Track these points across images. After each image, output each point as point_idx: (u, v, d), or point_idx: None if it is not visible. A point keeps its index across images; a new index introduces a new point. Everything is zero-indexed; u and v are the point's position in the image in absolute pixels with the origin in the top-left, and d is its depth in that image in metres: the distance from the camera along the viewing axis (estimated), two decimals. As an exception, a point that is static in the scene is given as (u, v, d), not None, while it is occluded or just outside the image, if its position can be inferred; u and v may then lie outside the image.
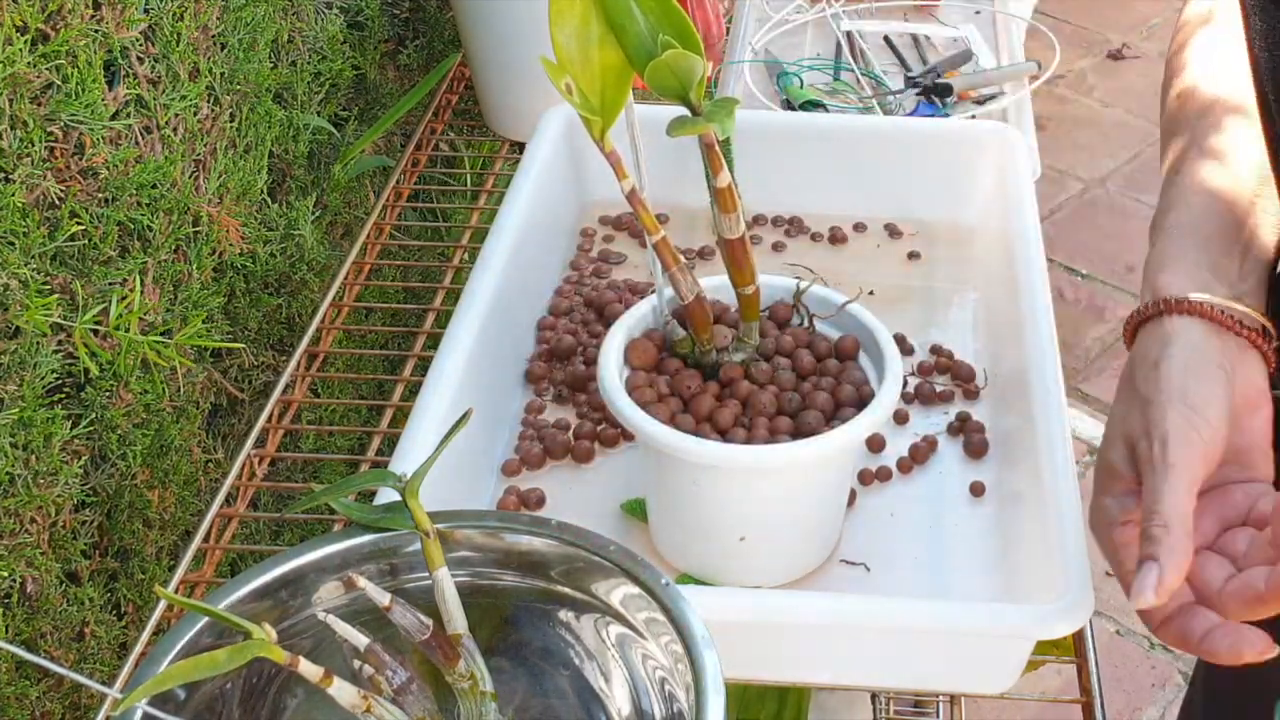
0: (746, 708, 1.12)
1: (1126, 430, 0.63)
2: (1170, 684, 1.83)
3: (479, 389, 0.84)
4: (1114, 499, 0.63)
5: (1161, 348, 0.64)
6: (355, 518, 0.64)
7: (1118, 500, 0.63)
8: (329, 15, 1.26)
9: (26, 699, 0.91)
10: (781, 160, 1.06)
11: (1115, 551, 0.63)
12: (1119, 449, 0.63)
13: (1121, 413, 0.64)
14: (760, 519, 0.75)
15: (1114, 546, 0.63)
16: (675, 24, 0.66)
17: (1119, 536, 0.63)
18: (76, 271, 0.92)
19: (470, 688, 0.60)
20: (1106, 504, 0.64)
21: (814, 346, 0.79)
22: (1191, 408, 0.61)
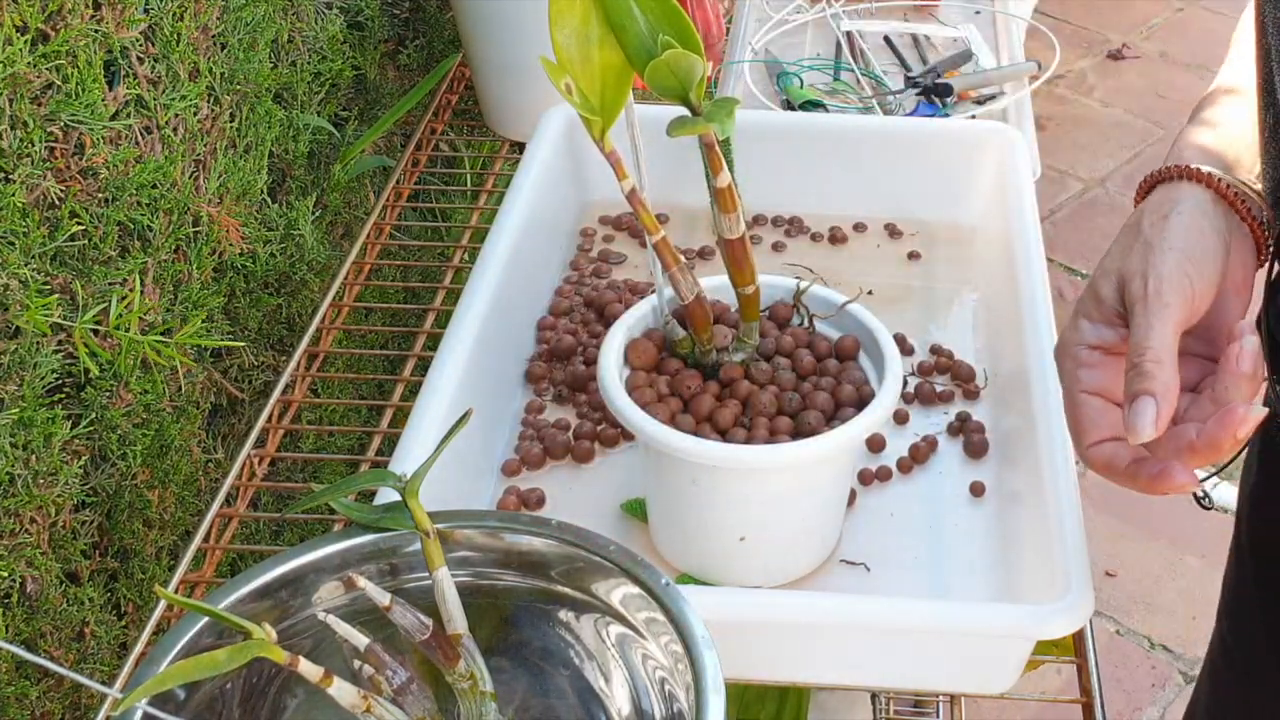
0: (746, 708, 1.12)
1: (1123, 267, 0.65)
2: (1170, 684, 1.83)
3: (479, 389, 0.84)
4: (1091, 324, 0.65)
5: (1172, 205, 0.66)
6: (355, 518, 0.64)
7: (1094, 326, 0.65)
8: (329, 15, 1.26)
9: (26, 699, 0.91)
10: (781, 160, 1.06)
11: (1074, 370, 0.64)
12: (1111, 281, 0.65)
13: (1120, 251, 0.66)
14: (760, 519, 0.75)
15: (1074, 364, 0.65)
16: (675, 24, 0.66)
17: (1083, 356, 0.65)
18: (76, 271, 0.92)
19: (470, 688, 0.60)
20: (1082, 324, 0.65)
21: (814, 346, 0.79)
22: (1190, 259, 0.63)
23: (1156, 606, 1.92)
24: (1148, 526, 2.02)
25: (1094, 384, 0.64)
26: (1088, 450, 0.63)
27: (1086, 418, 0.63)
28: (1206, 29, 3.25)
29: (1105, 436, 0.63)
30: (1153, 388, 0.59)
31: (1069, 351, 0.65)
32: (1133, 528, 2.02)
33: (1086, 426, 0.63)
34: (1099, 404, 0.63)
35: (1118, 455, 0.62)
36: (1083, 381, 0.64)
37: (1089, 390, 0.64)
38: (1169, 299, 0.62)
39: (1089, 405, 0.63)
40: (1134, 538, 2.01)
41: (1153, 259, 0.63)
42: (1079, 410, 0.64)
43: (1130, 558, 1.99)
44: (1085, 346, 0.65)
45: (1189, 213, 0.66)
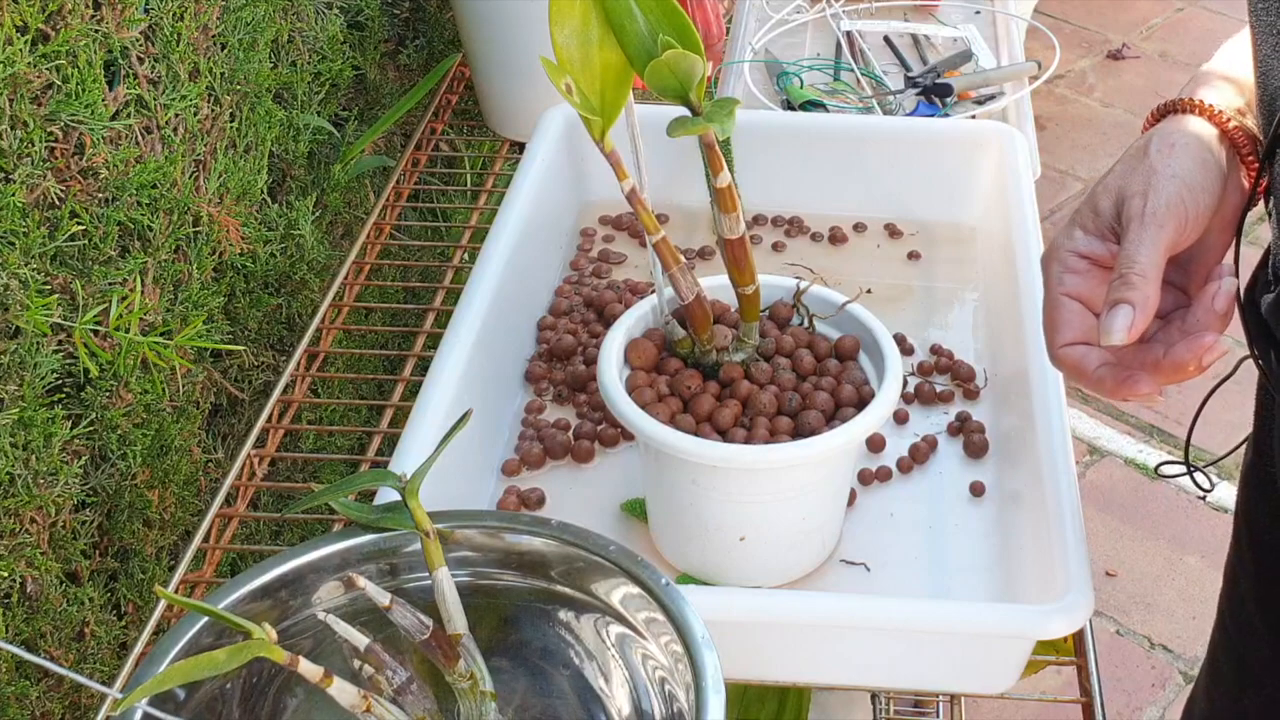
0: (746, 708, 1.11)
1: (1123, 184, 0.67)
2: (1170, 684, 1.82)
3: (479, 389, 0.84)
4: (1084, 234, 0.68)
5: (1180, 135, 0.68)
6: (355, 518, 0.64)
7: (1086, 236, 0.67)
8: (329, 15, 1.26)
9: (26, 699, 0.91)
10: (781, 160, 1.06)
11: (1060, 273, 0.67)
12: (1110, 197, 0.67)
13: (1124, 170, 0.68)
14: (760, 519, 0.75)
15: (1061, 267, 0.67)
16: (675, 24, 0.66)
17: (1071, 262, 0.67)
18: (76, 271, 0.92)
19: (470, 688, 0.60)
20: (1076, 233, 0.68)
21: (814, 346, 0.79)
22: (1188, 188, 0.66)
23: (1156, 606, 1.92)
24: (1148, 526, 2.02)
25: (1075, 289, 0.66)
26: (1059, 350, 0.66)
27: (1063, 319, 0.66)
28: (1206, 29, 3.25)
29: (1077, 339, 0.65)
30: (1134, 297, 0.62)
31: (1057, 255, 0.67)
32: (1133, 528, 2.02)
33: (1061, 327, 0.66)
34: (1077, 308, 0.66)
35: (1087, 358, 0.65)
36: (1065, 284, 0.66)
37: (1070, 294, 0.66)
38: (1164, 221, 0.64)
39: (1067, 307, 0.66)
40: (1134, 538, 2.01)
41: (1154, 181, 0.66)
42: (1057, 310, 0.66)
43: (1130, 558, 1.99)
44: (1075, 253, 0.67)
45: (1195, 145, 0.68)
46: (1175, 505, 2.03)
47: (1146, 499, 2.05)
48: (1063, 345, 0.66)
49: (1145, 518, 2.04)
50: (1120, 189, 0.67)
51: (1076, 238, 0.68)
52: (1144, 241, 0.64)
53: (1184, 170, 0.67)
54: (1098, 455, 2.15)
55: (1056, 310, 0.66)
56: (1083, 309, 0.66)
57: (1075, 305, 0.66)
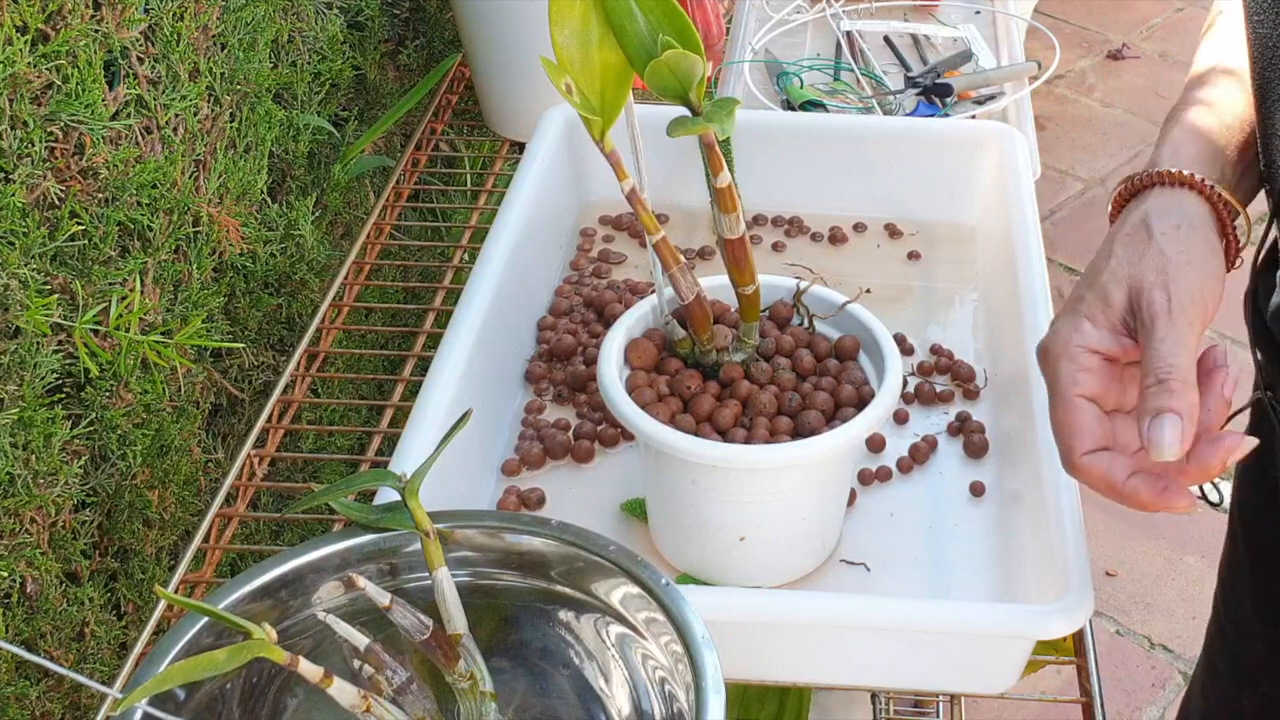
0: (746, 708, 1.11)
1: (1135, 274, 0.63)
2: (1170, 684, 1.83)
3: (479, 389, 0.84)
4: (1094, 327, 0.63)
5: (1184, 217, 0.66)
6: (355, 518, 0.64)
7: (1097, 330, 0.63)
8: (329, 15, 1.26)
9: (26, 699, 0.91)
10: (781, 160, 1.06)
11: (1073, 372, 0.62)
12: (1121, 289, 0.63)
13: (1130, 256, 0.64)
14: (760, 519, 0.75)
15: (1073, 366, 0.62)
16: (675, 24, 0.66)
17: (1083, 360, 0.63)
18: (76, 271, 0.92)
19: (470, 688, 0.60)
20: (1085, 326, 0.63)
21: (814, 346, 0.79)
22: (1204, 275, 0.63)
23: (1156, 606, 1.92)
24: (1148, 526, 2.02)
25: (1089, 389, 0.62)
26: (1081, 458, 0.61)
27: (1082, 425, 0.61)
28: (1206, 29, 3.24)
29: (1098, 445, 0.61)
30: (1179, 406, 0.58)
31: (1068, 351, 0.63)
32: (1133, 528, 2.02)
33: (1081, 433, 0.61)
34: (1094, 411, 0.62)
35: (1114, 469, 0.61)
36: (1080, 385, 0.62)
37: (1085, 395, 0.62)
38: (1192, 316, 0.61)
39: (1084, 411, 0.62)
40: (1134, 538, 2.01)
41: (1173, 273, 0.62)
42: (1075, 415, 0.62)
43: (1130, 558, 1.99)
44: (1086, 349, 0.63)
45: (1200, 229, 0.66)
46: (1175, 505, 2.03)
47: (1146, 499, 2.04)
48: (1084, 453, 0.61)
49: (1145, 518, 2.03)
50: (1133, 279, 0.63)
51: (1086, 332, 0.63)
52: (1178, 341, 0.60)
53: (1197, 257, 0.64)
54: (1098, 455, 2.15)
55: (1073, 415, 0.62)
56: (1099, 412, 0.62)
57: (1092, 408, 0.62)
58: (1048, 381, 0.64)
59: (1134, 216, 0.67)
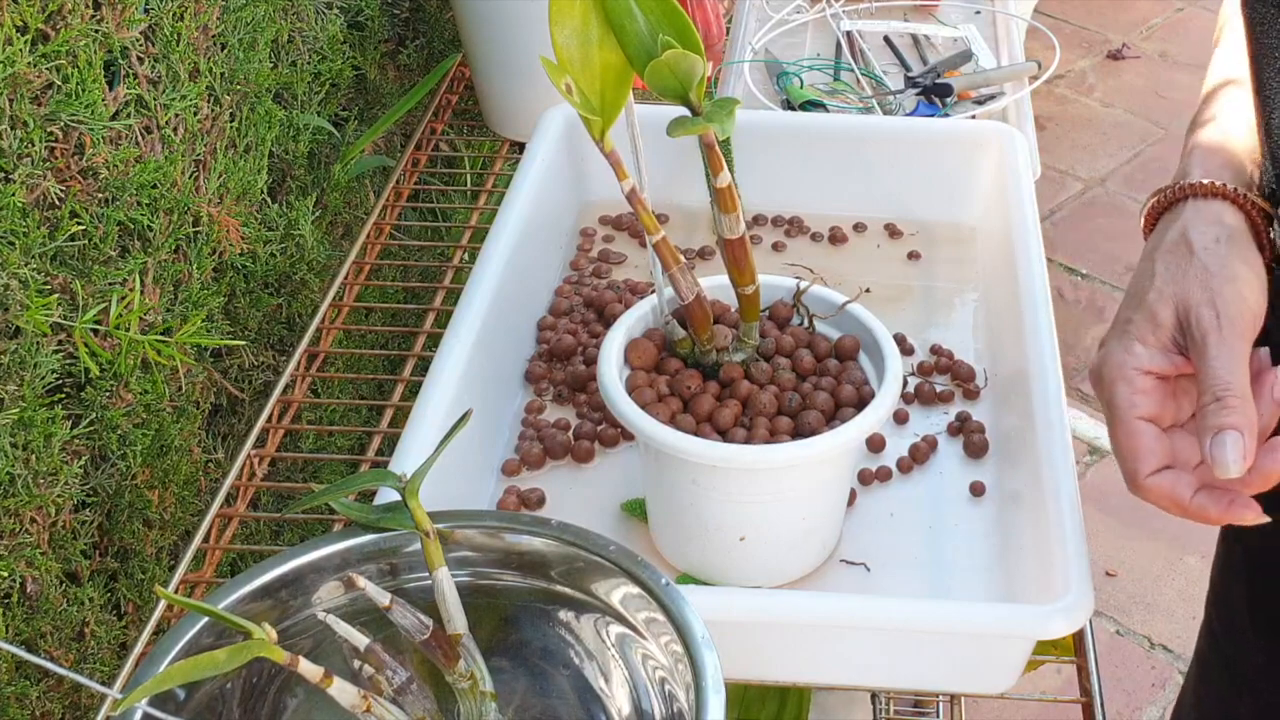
0: (746, 708, 1.12)
1: (1181, 291, 0.64)
2: (1170, 684, 1.83)
3: (479, 389, 0.84)
4: (1146, 348, 0.64)
5: (1223, 229, 0.66)
6: (355, 518, 0.64)
7: (1149, 351, 0.64)
8: (329, 15, 1.26)
9: (26, 699, 0.91)
10: (781, 160, 1.06)
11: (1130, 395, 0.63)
12: (1168, 307, 0.64)
13: (1172, 274, 0.65)
14: (760, 519, 0.75)
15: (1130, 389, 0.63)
16: (675, 24, 0.66)
17: (1139, 383, 0.63)
18: (76, 271, 0.92)
19: (470, 688, 0.60)
20: (1136, 348, 0.64)
21: (814, 346, 0.79)
22: (1249, 287, 0.64)
23: (1156, 606, 1.92)
24: (1148, 526, 2.02)
25: (1148, 411, 0.63)
26: (1146, 479, 0.62)
27: (1145, 446, 0.62)
28: (1206, 29, 3.23)
29: (1163, 465, 0.62)
30: (1239, 423, 0.59)
31: (1124, 374, 0.63)
32: (1133, 528, 2.02)
33: (1145, 455, 0.62)
34: (1154, 431, 0.63)
35: (1179, 486, 0.61)
36: (1139, 408, 0.63)
37: (1144, 417, 0.63)
38: (1242, 330, 0.62)
39: (1146, 433, 0.62)
40: (1134, 538, 2.01)
41: (1218, 288, 0.63)
42: (1137, 439, 0.62)
43: (1130, 558, 1.99)
44: (1141, 371, 0.63)
45: (1240, 241, 0.66)
46: (1175, 505, 2.02)
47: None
48: (1149, 474, 0.62)
49: (1145, 518, 2.04)
50: (1179, 297, 0.64)
51: (1139, 354, 0.64)
52: (1231, 357, 0.61)
53: (1240, 269, 0.64)
54: (1098, 455, 2.15)
55: (1135, 438, 0.63)
56: (1158, 431, 0.63)
57: (1152, 429, 0.63)
58: (1105, 405, 0.64)
59: (1172, 232, 0.67)
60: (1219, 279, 0.63)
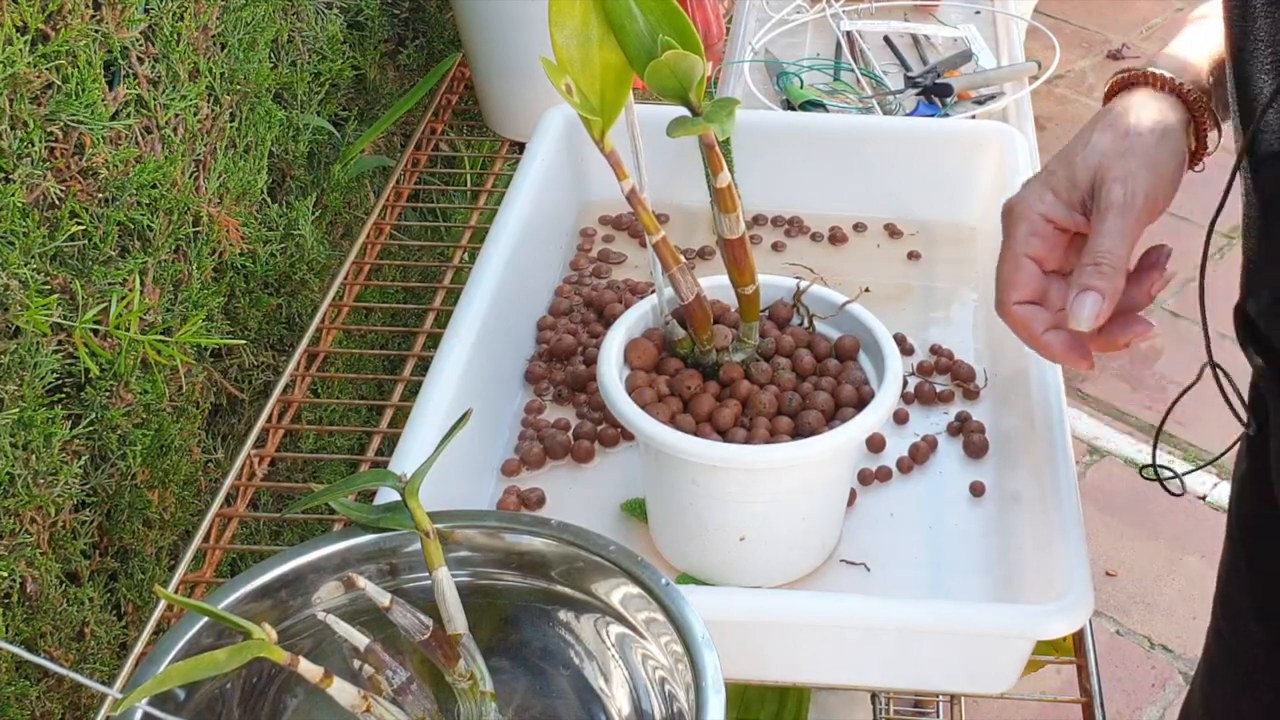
0: (746, 708, 1.11)
1: (1105, 165, 0.70)
2: (1170, 684, 1.83)
3: (479, 389, 0.84)
4: (1056, 199, 0.71)
5: (1161, 122, 0.72)
6: (355, 518, 0.64)
7: (1058, 202, 0.71)
8: (329, 15, 1.26)
9: (26, 699, 0.91)
10: (781, 160, 1.06)
11: (1027, 233, 0.71)
12: (1089, 173, 0.71)
13: (1103, 147, 0.71)
14: (760, 519, 0.75)
15: (1028, 227, 0.71)
16: (675, 24, 0.66)
17: (1038, 225, 0.71)
18: (76, 271, 0.92)
19: (470, 688, 0.60)
20: (1048, 197, 0.71)
21: (814, 346, 0.79)
22: (1163, 179, 0.70)
23: (1156, 606, 1.92)
24: (1148, 526, 2.02)
25: (1036, 251, 0.71)
26: (1012, 306, 0.71)
27: (1021, 279, 0.71)
28: (1206, 29, 3.24)
29: (1029, 298, 0.71)
30: (1105, 288, 0.67)
31: (1027, 216, 0.71)
32: (1133, 528, 2.02)
33: (1019, 285, 0.71)
34: (1035, 269, 0.71)
35: (1037, 319, 0.70)
36: (1030, 246, 0.71)
37: (1031, 255, 0.71)
38: (1140, 215, 0.69)
39: (1026, 268, 0.71)
40: (1134, 538, 2.01)
41: (1135, 170, 0.70)
42: (1017, 270, 0.71)
43: (1130, 558, 1.99)
44: (1044, 217, 0.71)
45: (1173, 136, 0.72)
46: (1175, 505, 2.03)
47: (1146, 499, 2.05)
48: (1016, 302, 0.71)
49: (1145, 518, 2.04)
50: (1100, 168, 0.70)
51: (1049, 202, 0.71)
52: (1121, 233, 0.68)
53: (1161, 162, 0.70)
54: (1098, 455, 2.15)
55: (1016, 270, 0.71)
56: (1038, 271, 0.71)
57: (1033, 267, 0.71)
58: (1004, 235, 0.73)
59: (1119, 109, 0.73)
60: (1139, 165, 0.70)
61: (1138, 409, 2.24)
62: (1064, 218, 0.71)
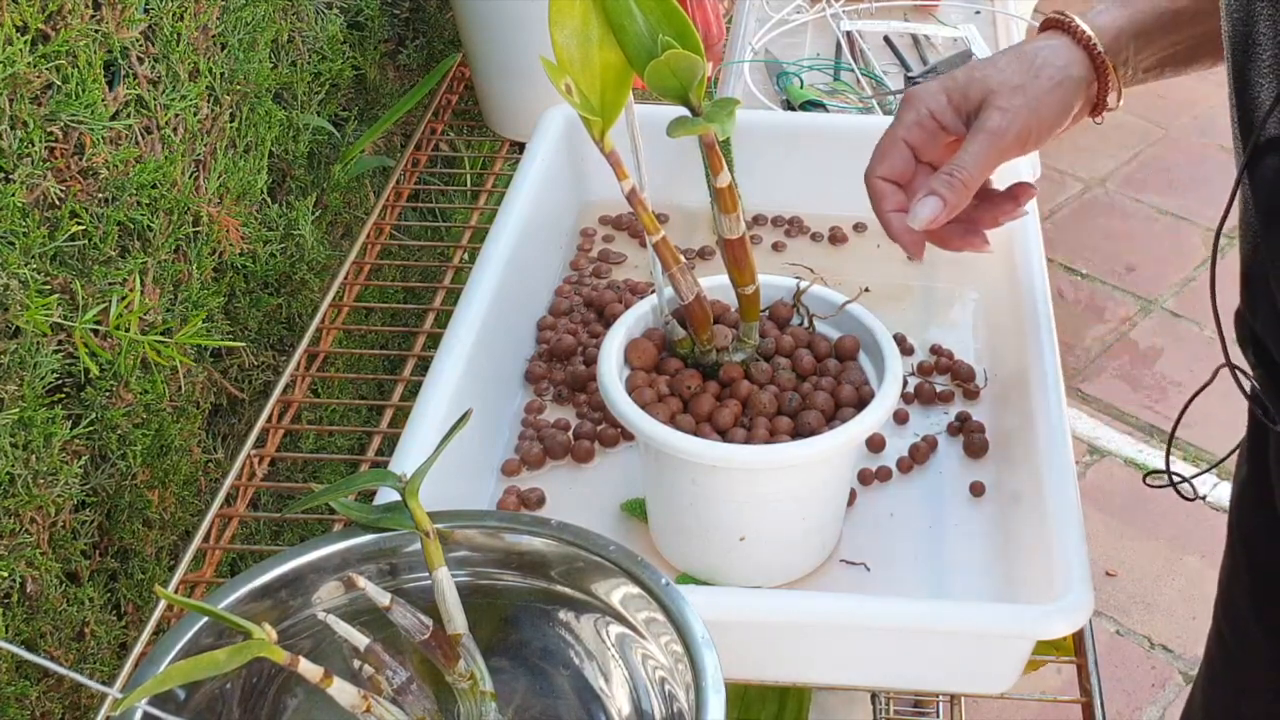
0: (747, 708, 1.11)
1: (996, 90, 0.76)
2: (1170, 684, 1.83)
3: (479, 389, 0.84)
4: (948, 103, 0.77)
5: (1063, 71, 0.78)
6: (355, 518, 0.64)
7: (947, 107, 0.77)
8: (329, 15, 1.26)
9: (26, 699, 0.91)
10: (781, 160, 1.06)
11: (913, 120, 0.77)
12: (981, 91, 0.77)
13: (1004, 75, 0.77)
14: (760, 519, 0.75)
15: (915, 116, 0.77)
16: (675, 24, 0.66)
17: (924, 120, 0.77)
18: (76, 271, 0.92)
19: (470, 688, 0.60)
20: (942, 98, 0.77)
21: (814, 346, 0.79)
22: (1041, 122, 0.77)
23: (1156, 606, 1.92)
24: (1148, 526, 2.02)
25: (914, 139, 0.78)
26: (874, 177, 0.78)
27: (892, 156, 0.78)
28: (1206, 29, 3.24)
29: (890, 176, 0.78)
30: (950, 198, 0.74)
31: (918, 106, 0.77)
32: (1133, 528, 2.02)
33: (888, 160, 0.78)
34: (907, 154, 0.78)
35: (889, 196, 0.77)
36: (910, 133, 0.78)
37: (908, 140, 0.78)
38: (1007, 146, 0.75)
39: (900, 150, 0.78)
40: (1134, 538, 2.01)
41: (1019, 108, 0.75)
42: (893, 147, 0.78)
43: (1130, 558, 1.99)
44: (931, 115, 0.77)
45: (1068, 88, 0.77)
46: (1175, 505, 2.01)
47: (1146, 499, 2.05)
48: (878, 176, 0.78)
49: (1145, 518, 2.04)
50: (992, 93, 0.76)
51: (940, 103, 0.77)
52: (983, 156, 0.75)
53: (1045, 106, 0.76)
54: (1098, 455, 2.15)
55: (891, 147, 0.78)
56: (911, 156, 0.78)
57: (907, 151, 0.78)
58: (895, 116, 0.79)
59: (1034, 46, 0.79)
60: (1024, 103, 0.76)
61: (1137, 409, 2.24)
62: (948, 120, 0.77)
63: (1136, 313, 2.44)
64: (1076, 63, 0.78)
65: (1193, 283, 2.48)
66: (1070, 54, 0.78)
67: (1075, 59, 0.78)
